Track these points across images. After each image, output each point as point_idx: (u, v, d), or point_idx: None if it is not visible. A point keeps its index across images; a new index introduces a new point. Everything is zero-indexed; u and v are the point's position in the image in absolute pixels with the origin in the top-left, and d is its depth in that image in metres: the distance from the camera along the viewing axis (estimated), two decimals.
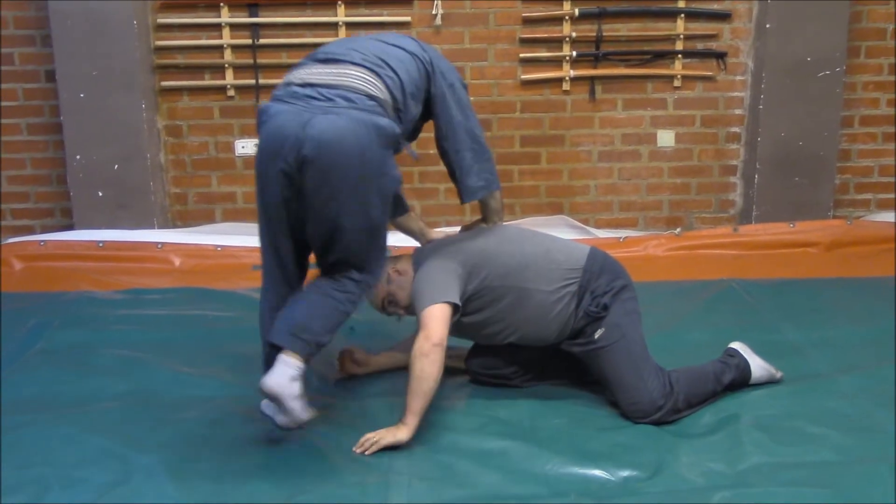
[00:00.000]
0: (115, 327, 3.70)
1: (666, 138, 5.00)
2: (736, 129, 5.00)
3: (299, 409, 2.51)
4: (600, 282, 2.85)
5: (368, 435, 2.64)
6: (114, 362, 3.31)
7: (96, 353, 3.40)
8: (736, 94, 4.94)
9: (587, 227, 4.97)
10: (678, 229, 4.97)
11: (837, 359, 3.26)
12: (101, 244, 4.65)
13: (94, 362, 3.32)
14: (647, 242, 4.79)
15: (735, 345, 3.06)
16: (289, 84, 2.59)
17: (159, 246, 4.65)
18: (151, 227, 4.80)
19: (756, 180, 4.87)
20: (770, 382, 3.03)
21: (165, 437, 2.73)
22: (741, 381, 2.96)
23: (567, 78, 4.87)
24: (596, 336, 2.82)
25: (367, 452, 2.61)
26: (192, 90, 4.87)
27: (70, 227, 4.86)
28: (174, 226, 4.99)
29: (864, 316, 3.70)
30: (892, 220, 4.87)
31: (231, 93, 4.87)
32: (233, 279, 4.37)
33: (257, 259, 4.50)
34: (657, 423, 2.75)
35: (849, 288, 4.12)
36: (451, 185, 2.94)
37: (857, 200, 5.14)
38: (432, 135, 2.88)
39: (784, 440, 2.66)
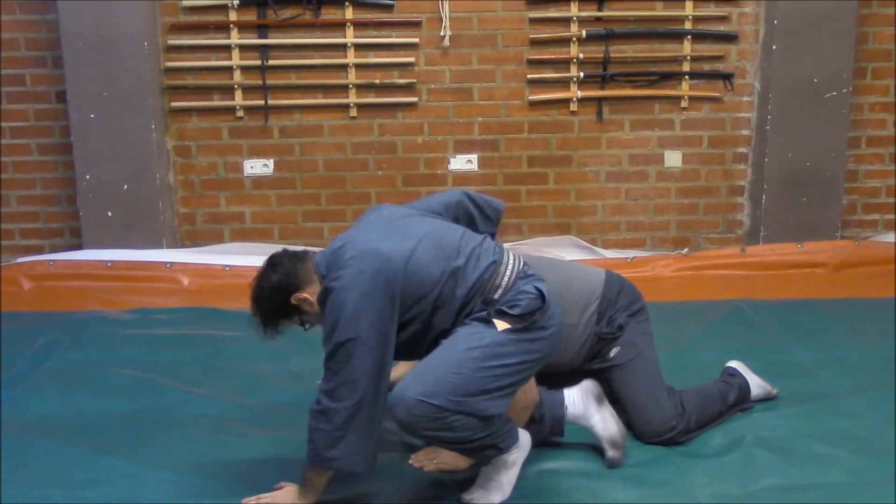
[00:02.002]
0: (123, 347, 3.71)
1: (673, 159, 5.01)
2: (743, 150, 5.00)
3: None
4: (618, 306, 2.84)
5: (428, 452, 2.55)
6: (122, 381, 3.32)
7: (105, 372, 3.40)
8: (743, 114, 4.95)
9: (595, 248, 4.97)
10: (686, 249, 4.97)
11: (847, 379, 3.25)
12: (109, 264, 4.66)
13: (102, 381, 3.32)
14: (655, 263, 4.79)
15: (734, 363, 3.07)
16: None
17: (168, 266, 4.66)
18: (160, 246, 4.82)
19: (763, 201, 4.87)
20: (767, 399, 3.04)
21: (174, 457, 2.74)
22: (742, 400, 2.96)
23: (574, 99, 4.88)
24: (612, 354, 2.82)
25: (425, 469, 2.53)
26: (202, 111, 4.89)
27: (79, 247, 4.88)
28: (183, 245, 5.01)
29: (872, 336, 3.70)
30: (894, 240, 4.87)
31: (240, 114, 4.89)
32: (241, 299, 4.29)
33: None
34: (668, 444, 2.75)
35: (857, 308, 4.11)
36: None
37: (864, 221, 5.14)
38: None
39: (794, 461, 2.65)
